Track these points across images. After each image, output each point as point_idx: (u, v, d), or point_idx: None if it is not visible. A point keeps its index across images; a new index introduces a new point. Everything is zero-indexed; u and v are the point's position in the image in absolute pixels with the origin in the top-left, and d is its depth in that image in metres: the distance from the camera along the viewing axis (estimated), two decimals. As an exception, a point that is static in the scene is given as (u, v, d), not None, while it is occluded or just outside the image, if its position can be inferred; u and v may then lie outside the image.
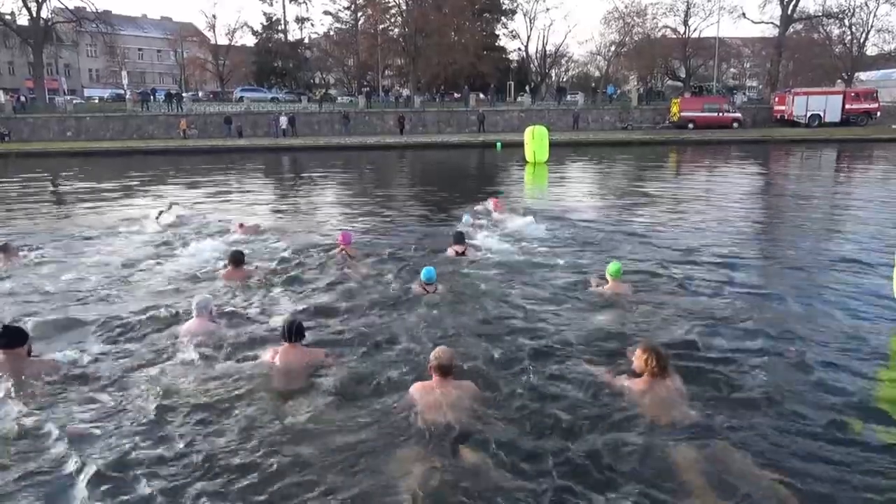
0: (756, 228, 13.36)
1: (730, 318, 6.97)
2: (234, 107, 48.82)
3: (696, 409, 4.75)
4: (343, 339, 6.32)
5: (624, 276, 7.70)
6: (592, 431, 4.55)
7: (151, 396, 5.02)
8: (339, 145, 38.30)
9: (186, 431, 4.55)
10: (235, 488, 3.93)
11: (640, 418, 4.64)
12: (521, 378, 5.40)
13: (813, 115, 44.07)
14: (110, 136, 42.70)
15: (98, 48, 68.64)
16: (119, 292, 8.19)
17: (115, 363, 5.77)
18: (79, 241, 11.68)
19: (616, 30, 64.12)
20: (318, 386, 5.19)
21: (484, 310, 7.23)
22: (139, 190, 21.09)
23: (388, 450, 4.31)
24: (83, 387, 5.23)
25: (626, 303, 7.29)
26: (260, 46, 69.43)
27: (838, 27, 57.05)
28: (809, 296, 7.91)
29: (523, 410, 4.88)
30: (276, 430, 4.55)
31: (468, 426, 4.45)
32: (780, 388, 5.20)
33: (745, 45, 70.85)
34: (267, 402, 4.93)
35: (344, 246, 9.76)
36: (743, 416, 4.76)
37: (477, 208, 13.91)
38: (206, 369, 5.53)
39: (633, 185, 21.40)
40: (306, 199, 19.10)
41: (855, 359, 5.87)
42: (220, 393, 5.10)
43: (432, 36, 54.93)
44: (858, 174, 24.75)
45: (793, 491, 3.84)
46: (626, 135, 42.36)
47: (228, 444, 4.38)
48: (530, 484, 3.98)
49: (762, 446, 4.37)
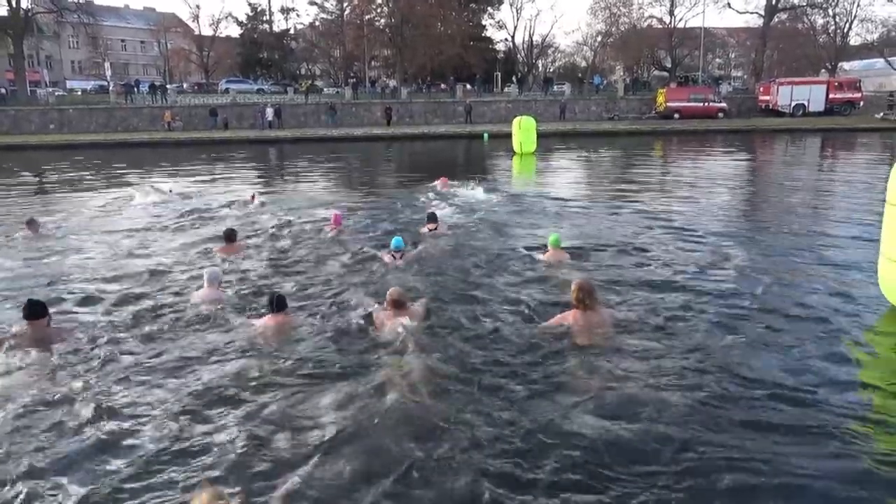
0: (731, 211, 13.68)
1: (665, 281, 7.95)
2: (220, 98, 48.47)
3: (619, 336, 5.98)
4: (321, 303, 7.22)
5: (572, 248, 9.23)
6: (526, 347, 5.86)
7: (160, 357, 5.79)
8: (325, 137, 38.14)
9: (180, 384, 5.29)
10: (225, 421, 4.68)
11: (567, 339, 5.90)
12: (469, 316, 6.70)
13: (797, 105, 44.46)
14: (94, 128, 42.22)
15: (80, 39, 67.75)
16: (132, 262, 9.31)
17: (128, 328, 6.50)
18: (93, 217, 13.27)
19: (602, 20, 64.36)
20: (297, 346, 5.98)
21: (442, 273, 8.42)
22: (127, 180, 20.90)
23: (358, 377, 5.33)
24: (98, 350, 5.90)
25: (564, 267, 8.38)
26: (245, 37, 68.85)
27: (822, 17, 57.48)
28: (782, 281, 8.05)
29: (466, 332, 6.26)
30: (263, 383, 5.26)
31: (417, 340, 5.87)
32: (700, 341, 6.00)
33: (730, 36, 71.21)
34: (256, 360, 5.66)
35: (335, 225, 11.03)
36: (654, 350, 5.76)
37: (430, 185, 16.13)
38: (212, 333, 6.32)
39: (615, 172, 21.64)
40: (296, 186, 19.81)
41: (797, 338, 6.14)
42: (219, 351, 5.89)
43: (419, 26, 54.72)
44: (842, 162, 25.04)
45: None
46: (612, 125, 42.51)
47: (219, 389, 5.18)
48: (462, 374, 5.34)
49: (656, 374, 5.30)
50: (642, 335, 6.09)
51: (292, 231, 11.34)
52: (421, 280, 8.02)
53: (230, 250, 9.49)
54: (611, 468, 4.07)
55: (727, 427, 4.54)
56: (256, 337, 6.09)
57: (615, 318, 6.32)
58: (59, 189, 19.45)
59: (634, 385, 5.10)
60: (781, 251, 9.65)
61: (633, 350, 5.75)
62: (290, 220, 12.34)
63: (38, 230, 11.13)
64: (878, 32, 58.92)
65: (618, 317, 6.39)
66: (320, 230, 11.14)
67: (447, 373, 5.36)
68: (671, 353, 5.73)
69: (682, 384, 5.14)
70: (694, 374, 5.34)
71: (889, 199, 6.40)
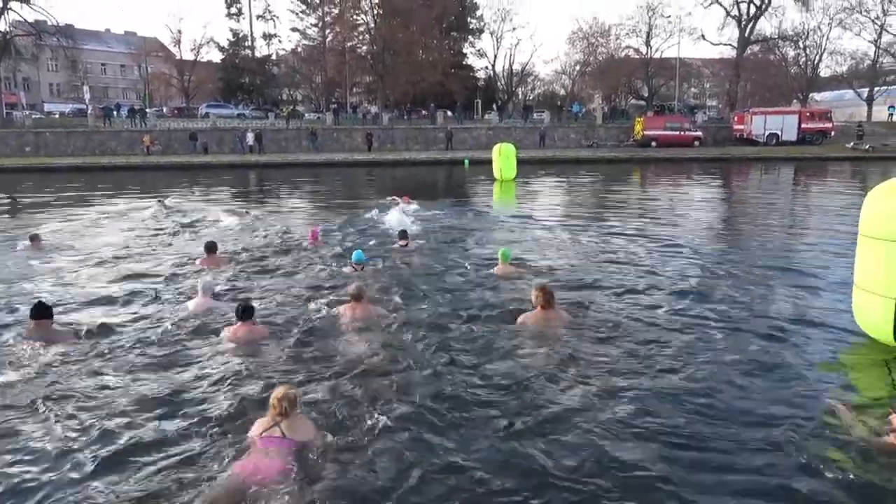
0: (703, 237, 13.82)
1: (615, 285, 8.93)
2: (200, 123, 48.29)
3: (574, 335, 6.81)
4: (290, 311, 7.85)
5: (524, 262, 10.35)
6: (479, 341, 6.73)
7: (146, 356, 6.38)
8: (306, 162, 38.13)
9: (157, 379, 5.84)
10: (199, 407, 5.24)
11: (528, 338, 6.76)
12: (428, 316, 7.57)
13: (771, 134, 45.45)
14: (71, 151, 41.76)
15: (59, 62, 67.40)
16: (127, 271, 10.23)
17: (124, 330, 7.16)
18: (89, 232, 14.61)
19: (581, 49, 65.52)
20: (262, 351, 6.52)
21: (402, 283, 9.20)
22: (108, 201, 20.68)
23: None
24: (95, 349, 6.53)
25: (512, 278, 9.25)
26: (226, 62, 68.91)
27: (793, 49, 59.19)
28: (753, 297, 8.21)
29: (427, 330, 7.07)
30: (228, 386, 5.66)
31: (375, 333, 6.91)
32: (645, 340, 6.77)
33: (705, 66, 72.90)
34: (223, 366, 6.10)
35: (312, 240, 12.06)
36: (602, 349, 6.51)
37: (382, 201, 18.10)
38: (197, 339, 6.84)
39: (591, 197, 21.87)
40: (278, 206, 20.58)
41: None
42: (198, 352, 6.48)
43: (401, 54, 55.20)
44: (814, 190, 25.56)
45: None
46: (592, 152, 43.06)
47: (193, 385, 5.70)
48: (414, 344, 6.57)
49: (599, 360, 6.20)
50: (595, 334, 6.92)
51: (272, 245, 12.44)
52: (381, 290, 8.81)
53: (211, 262, 10.30)
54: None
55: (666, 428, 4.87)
56: (225, 343, 6.59)
57: (569, 318, 7.20)
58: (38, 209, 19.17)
59: (592, 372, 5.95)
60: (754, 277, 9.77)
61: (587, 344, 6.62)
62: (270, 234, 13.64)
63: (41, 244, 12.14)
64: (846, 65, 60.86)
65: (572, 318, 7.23)
66: (299, 244, 12.22)
67: (403, 361, 6.15)
68: (623, 349, 6.51)
69: (632, 370, 5.99)
70: (643, 369, 6.02)
71: (861, 230, 6.52)
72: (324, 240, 12.41)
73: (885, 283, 6.24)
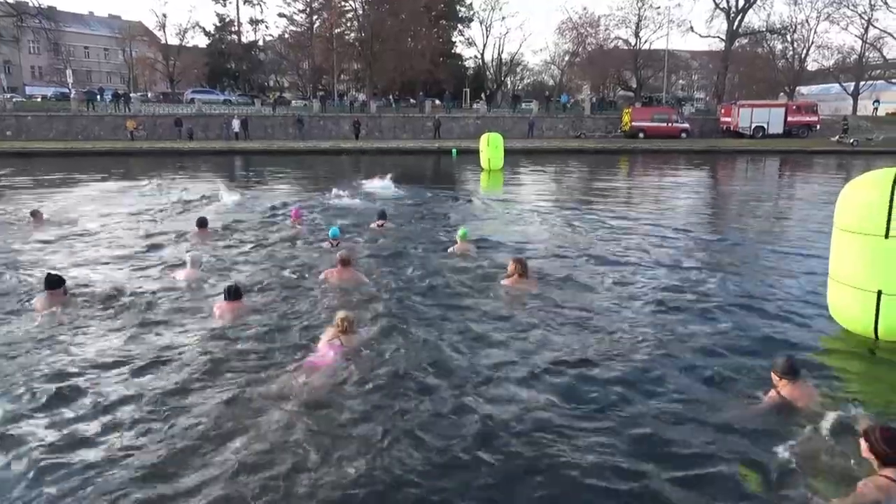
0: (685, 225, 13.93)
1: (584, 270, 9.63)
2: (185, 108, 47.70)
3: (541, 301, 7.82)
4: (273, 284, 8.60)
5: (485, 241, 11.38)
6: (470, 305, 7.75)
7: (143, 322, 7.08)
8: (292, 149, 37.81)
9: (147, 347, 6.50)
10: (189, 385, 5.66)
11: (504, 302, 7.83)
12: (401, 281, 8.74)
13: (757, 127, 45.68)
14: (53, 136, 41.12)
15: (41, 45, 66.26)
16: (125, 246, 11.07)
17: (128, 300, 7.83)
18: (85, 209, 15.57)
19: (570, 40, 65.38)
20: (248, 330, 6.87)
21: (376, 256, 10.28)
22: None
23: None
24: (102, 317, 7.23)
25: (469, 257, 10.04)
26: (212, 47, 68.14)
27: (781, 43, 59.49)
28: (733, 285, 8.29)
29: (402, 294, 8.16)
30: (215, 359, 6.15)
31: (357, 294, 7.95)
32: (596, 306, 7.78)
33: (693, 58, 73.03)
34: (213, 339, 6.64)
35: (294, 219, 13.07)
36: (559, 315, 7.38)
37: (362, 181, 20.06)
38: (185, 309, 7.51)
39: (576, 186, 21.86)
40: (263, 188, 21.15)
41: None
42: (184, 327, 7.00)
43: (389, 41, 54.80)
44: (799, 183, 25.75)
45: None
46: (579, 143, 43.09)
47: (178, 351, 6.33)
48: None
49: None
50: (562, 304, 7.80)
51: (257, 222, 13.49)
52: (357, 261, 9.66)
53: (202, 236, 11.28)
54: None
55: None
56: (214, 320, 7.07)
57: (538, 287, 8.23)
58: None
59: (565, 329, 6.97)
60: (733, 266, 9.93)
61: (553, 311, 7.55)
62: (256, 212, 14.76)
63: (42, 219, 13.12)
64: (833, 59, 61.20)
65: (541, 289, 8.23)
66: (282, 222, 13.36)
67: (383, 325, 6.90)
68: (587, 319, 7.34)
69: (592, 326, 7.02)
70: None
71: (836, 223, 6.57)
72: (305, 218, 13.48)
73: (864, 276, 6.30)
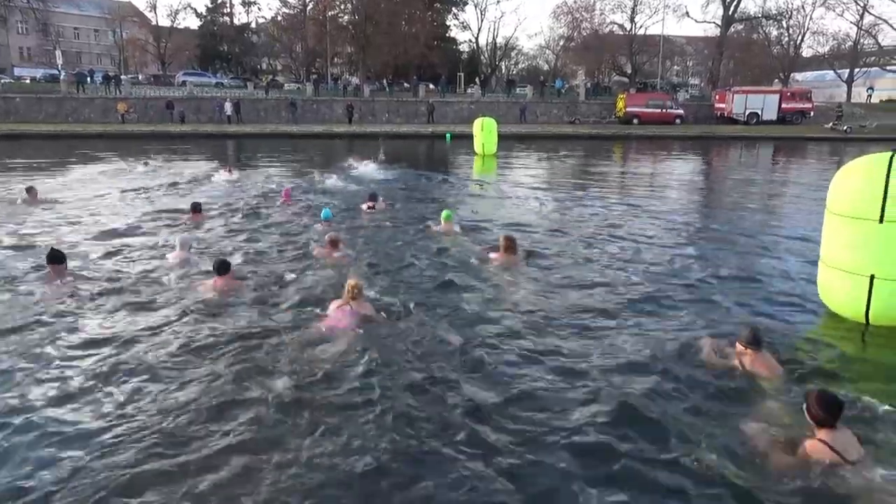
0: (678, 211, 13.90)
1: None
2: (177, 91, 47.25)
3: (527, 275, 8.34)
4: (264, 263, 8.86)
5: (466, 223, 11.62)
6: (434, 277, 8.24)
7: (137, 297, 7.32)
8: (285, 133, 37.55)
9: (139, 320, 6.74)
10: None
11: (492, 273, 8.38)
12: (391, 262, 8.96)
13: (751, 114, 45.64)
14: (43, 118, 40.71)
15: (30, 25, 65.30)
16: (117, 225, 11.34)
17: (121, 277, 8.09)
18: (80, 186, 16.04)
19: (565, 24, 65.05)
20: (237, 304, 7.09)
21: (367, 238, 10.54)
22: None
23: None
24: (100, 292, 7.44)
25: (452, 236, 10.48)
26: (204, 29, 67.37)
27: (776, 29, 59.37)
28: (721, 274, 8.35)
29: (389, 268, 8.67)
30: (212, 331, 6.35)
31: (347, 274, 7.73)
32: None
33: (688, 44, 72.81)
34: (206, 314, 6.79)
35: (285, 199, 13.49)
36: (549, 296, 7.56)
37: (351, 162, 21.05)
38: (176, 288, 7.67)
39: (566, 172, 21.83)
40: (255, 171, 21.19)
41: None
42: (177, 302, 7.14)
43: (382, 24, 54.26)
44: (793, 169, 25.75)
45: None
46: (574, 128, 42.96)
47: (166, 326, 6.52)
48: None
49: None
50: (547, 277, 8.30)
51: (250, 203, 13.67)
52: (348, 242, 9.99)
53: (196, 219, 11.62)
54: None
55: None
56: (202, 295, 7.24)
57: (524, 262, 8.77)
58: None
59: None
60: (725, 250, 9.98)
61: (539, 284, 8.01)
62: (248, 194, 15.08)
63: (37, 196, 13.48)
64: (828, 45, 61.14)
65: (527, 265, 8.72)
66: (273, 203, 13.60)
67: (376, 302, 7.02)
68: (570, 290, 7.80)
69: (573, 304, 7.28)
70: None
71: (829, 208, 6.57)
72: (296, 199, 13.82)
73: (857, 261, 6.30)
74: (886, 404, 4.71)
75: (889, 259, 6.12)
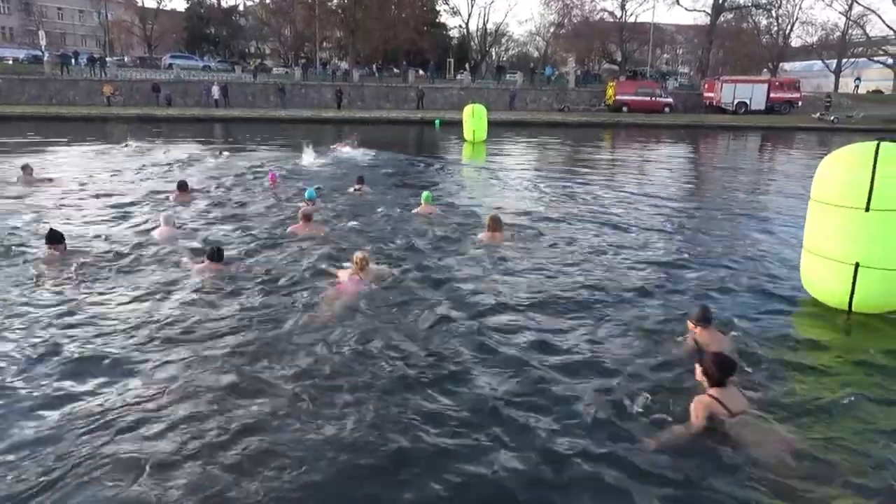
0: (663, 198, 13.89)
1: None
2: (163, 74, 46.70)
3: (511, 251, 8.66)
4: (250, 244, 8.94)
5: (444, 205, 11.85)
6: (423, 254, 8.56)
7: (130, 273, 7.58)
8: (273, 118, 37.26)
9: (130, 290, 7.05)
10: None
11: (478, 252, 8.59)
12: (374, 246, 8.83)
13: (740, 103, 45.83)
14: (26, 100, 40.08)
15: (11, 4, 64.14)
16: (108, 204, 11.65)
17: (117, 255, 8.26)
18: (64, 169, 16.20)
19: (555, 11, 64.91)
20: (232, 290, 7.05)
21: (351, 216, 10.78)
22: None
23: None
24: (98, 269, 7.65)
25: (433, 218, 10.64)
26: (191, 11, 66.54)
27: (766, 18, 59.58)
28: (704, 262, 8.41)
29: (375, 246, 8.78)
30: (202, 315, 6.36)
31: (326, 247, 8.64)
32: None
33: (678, 32, 72.90)
34: (197, 300, 6.78)
35: (271, 182, 13.85)
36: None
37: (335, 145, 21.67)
38: (164, 263, 7.94)
39: (553, 157, 21.87)
40: (243, 155, 21.18)
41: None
42: (167, 283, 7.23)
43: (372, 9, 53.79)
44: (780, 158, 25.94)
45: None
46: (563, 116, 42.95)
47: (155, 305, 6.62)
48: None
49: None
50: (531, 255, 8.59)
51: (236, 185, 14.02)
52: (334, 218, 10.63)
53: (182, 198, 11.83)
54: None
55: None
56: (195, 279, 7.30)
57: (511, 241, 9.06)
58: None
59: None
60: (709, 236, 10.12)
61: (523, 261, 8.25)
62: (235, 175, 15.33)
63: (32, 174, 13.83)
64: (817, 35, 61.46)
65: (513, 241, 9.06)
66: (259, 185, 13.94)
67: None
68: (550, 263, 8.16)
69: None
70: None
71: (814, 196, 6.63)
72: (281, 182, 14.08)
73: (841, 249, 6.38)
74: (856, 393, 4.87)
75: (874, 247, 6.20)
